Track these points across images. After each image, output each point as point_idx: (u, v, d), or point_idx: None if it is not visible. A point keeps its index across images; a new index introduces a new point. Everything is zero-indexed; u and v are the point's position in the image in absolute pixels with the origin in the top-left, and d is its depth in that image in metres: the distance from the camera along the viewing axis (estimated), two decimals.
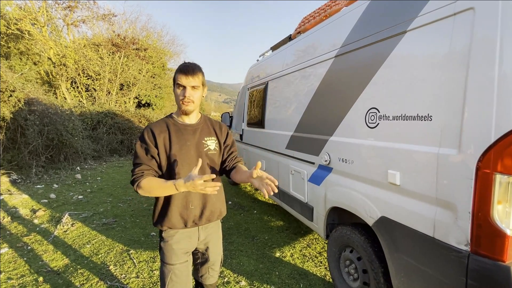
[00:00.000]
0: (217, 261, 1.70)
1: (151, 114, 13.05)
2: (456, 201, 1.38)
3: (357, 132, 2.08)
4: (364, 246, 2.03)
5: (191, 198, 1.49)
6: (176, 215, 1.47)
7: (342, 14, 2.43)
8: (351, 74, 2.17)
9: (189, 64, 1.46)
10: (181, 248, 1.51)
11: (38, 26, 11.78)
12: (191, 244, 1.56)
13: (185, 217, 1.49)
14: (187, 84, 1.43)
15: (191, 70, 1.43)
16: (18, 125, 6.44)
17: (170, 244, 1.50)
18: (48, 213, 4.33)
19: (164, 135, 1.48)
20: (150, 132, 1.48)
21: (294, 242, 3.43)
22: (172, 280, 1.49)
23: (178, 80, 1.43)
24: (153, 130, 1.48)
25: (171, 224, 1.48)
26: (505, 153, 1.20)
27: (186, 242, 1.53)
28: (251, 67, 4.99)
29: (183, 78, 1.42)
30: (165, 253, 1.51)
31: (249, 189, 5.90)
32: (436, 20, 1.51)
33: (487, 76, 1.26)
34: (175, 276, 1.49)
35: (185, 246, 1.53)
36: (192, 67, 1.45)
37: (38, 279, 2.60)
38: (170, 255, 1.50)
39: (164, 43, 18.27)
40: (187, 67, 1.44)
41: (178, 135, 1.50)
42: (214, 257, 1.67)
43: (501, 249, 1.24)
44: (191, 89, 1.44)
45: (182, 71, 1.43)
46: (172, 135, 1.49)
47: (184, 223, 1.49)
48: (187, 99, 1.44)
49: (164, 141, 1.47)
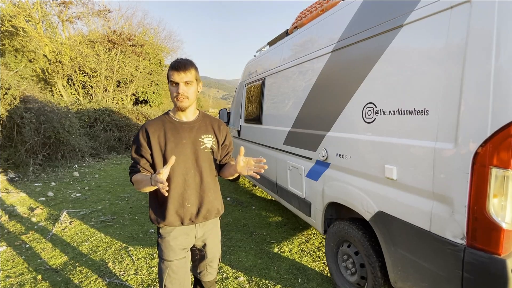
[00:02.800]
0: (215, 258, 1.71)
1: (148, 111, 13.00)
2: (452, 195, 1.38)
3: (354, 127, 2.08)
4: (361, 241, 2.05)
5: (187, 196, 1.49)
6: (172, 213, 1.48)
7: (338, 8, 2.41)
8: (348, 69, 2.16)
9: (180, 60, 1.45)
10: (178, 244, 1.52)
11: (32, 22, 11.63)
12: (188, 240, 1.56)
13: (182, 215, 1.49)
14: (180, 80, 1.43)
15: (182, 65, 1.43)
16: (14, 123, 6.39)
17: (168, 240, 1.50)
18: (46, 211, 4.32)
19: (159, 133, 1.48)
20: (144, 132, 1.49)
21: (292, 237, 3.45)
22: (169, 276, 1.49)
23: (171, 77, 1.43)
24: (147, 129, 1.49)
25: (168, 222, 1.48)
26: (501, 147, 1.21)
27: (183, 238, 1.54)
28: (248, 62, 4.96)
29: (175, 75, 1.42)
30: (162, 250, 1.52)
31: (247, 185, 5.91)
32: (433, 14, 1.50)
33: (483, 69, 1.26)
34: (172, 272, 1.50)
35: (182, 242, 1.54)
36: (184, 62, 1.44)
37: (36, 277, 2.60)
38: (167, 251, 1.50)
39: (160, 39, 18.13)
40: (178, 63, 1.43)
41: (174, 132, 1.49)
42: (212, 254, 1.67)
43: (497, 242, 1.25)
44: (184, 85, 1.44)
45: (174, 68, 1.43)
46: (168, 132, 1.48)
47: (180, 221, 1.50)
48: (181, 96, 1.44)
49: (159, 140, 1.47)
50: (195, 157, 1.51)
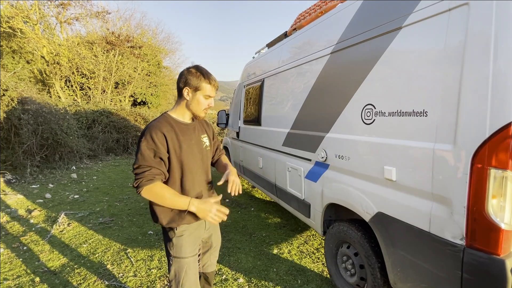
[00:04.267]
0: (218, 245, 1.82)
1: (147, 113, 12.95)
2: (451, 196, 1.39)
3: (354, 129, 2.08)
4: (361, 242, 2.05)
5: (202, 194, 1.57)
6: (190, 212, 1.46)
7: (337, 10, 2.42)
8: (347, 71, 2.17)
9: (211, 75, 1.51)
10: (194, 239, 1.57)
11: (30, 24, 11.57)
12: (201, 233, 1.63)
13: None
14: (214, 95, 1.53)
15: (215, 80, 1.51)
16: (12, 124, 6.36)
17: (185, 237, 1.53)
18: (44, 213, 4.30)
19: (172, 136, 1.45)
20: (160, 134, 1.41)
21: (291, 238, 3.45)
22: (187, 274, 1.51)
23: (206, 90, 1.48)
24: (163, 131, 1.41)
25: (187, 221, 1.50)
26: (500, 148, 1.22)
27: (197, 232, 1.60)
28: (247, 64, 4.96)
29: (212, 89, 1.50)
30: (180, 248, 1.51)
31: (246, 187, 5.90)
32: (431, 16, 1.52)
33: (482, 71, 1.27)
34: (189, 270, 1.52)
35: (197, 237, 1.60)
36: (214, 78, 1.51)
37: (34, 280, 2.59)
38: (185, 248, 1.52)
39: (159, 40, 18.09)
40: (212, 76, 1.50)
41: (183, 134, 1.52)
42: (216, 242, 1.80)
43: (496, 243, 1.25)
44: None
45: (210, 81, 1.48)
46: (179, 134, 1.49)
47: (196, 218, 1.52)
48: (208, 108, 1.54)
49: (173, 142, 1.45)
50: (201, 156, 1.58)
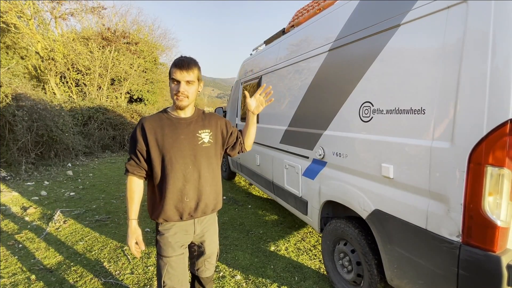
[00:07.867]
0: (213, 254, 1.72)
1: (143, 109, 12.88)
2: (448, 193, 1.40)
3: (351, 126, 2.09)
4: (358, 239, 2.06)
5: (186, 191, 1.50)
6: (171, 207, 1.48)
7: (335, 7, 2.41)
8: (345, 68, 2.17)
9: (184, 58, 1.45)
10: (177, 241, 1.53)
11: (24, 19, 11.41)
12: (187, 237, 1.57)
13: (181, 210, 1.50)
14: (182, 79, 1.42)
15: (186, 64, 1.42)
16: (6, 121, 6.28)
17: (166, 237, 1.51)
18: (40, 210, 4.26)
19: (156, 129, 1.48)
20: (140, 128, 1.49)
21: (288, 236, 3.46)
22: (168, 272, 1.50)
23: (173, 75, 1.42)
24: (144, 125, 1.49)
25: (167, 217, 1.49)
26: (497, 145, 1.22)
27: (182, 235, 1.55)
28: (245, 61, 4.94)
29: (177, 73, 1.42)
30: (161, 246, 1.52)
31: (243, 184, 5.90)
32: (430, 14, 1.52)
33: (479, 69, 1.27)
34: (171, 268, 1.51)
35: (181, 239, 1.55)
36: (188, 61, 1.44)
37: (30, 277, 2.57)
38: (166, 248, 1.51)
39: (155, 37, 17.95)
40: (182, 61, 1.43)
41: (172, 129, 1.49)
42: (210, 250, 1.69)
43: (492, 240, 1.27)
44: (185, 84, 1.44)
45: (177, 66, 1.42)
46: (165, 128, 1.49)
47: (179, 216, 1.50)
48: (181, 94, 1.44)
49: (156, 135, 1.47)
50: (193, 152, 1.52)
